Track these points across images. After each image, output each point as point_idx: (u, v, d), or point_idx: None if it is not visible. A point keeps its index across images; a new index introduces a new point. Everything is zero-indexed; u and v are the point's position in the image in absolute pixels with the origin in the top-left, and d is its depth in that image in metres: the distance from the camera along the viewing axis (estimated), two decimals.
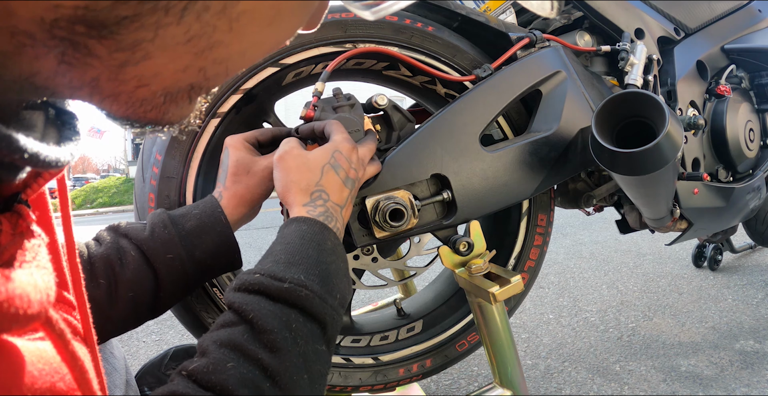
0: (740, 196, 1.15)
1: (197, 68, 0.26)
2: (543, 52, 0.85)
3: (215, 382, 0.36)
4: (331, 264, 0.48)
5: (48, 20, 0.21)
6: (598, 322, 1.55)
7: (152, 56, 0.24)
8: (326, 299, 0.45)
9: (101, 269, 0.52)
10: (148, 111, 0.27)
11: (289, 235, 0.49)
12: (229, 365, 0.37)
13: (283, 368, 0.39)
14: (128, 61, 0.23)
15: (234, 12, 0.24)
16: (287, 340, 0.40)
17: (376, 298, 1.88)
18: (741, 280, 1.81)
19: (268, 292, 0.43)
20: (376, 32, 0.78)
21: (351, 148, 0.59)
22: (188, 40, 0.24)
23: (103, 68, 0.23)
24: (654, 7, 1.10)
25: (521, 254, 0.93)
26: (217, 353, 0.38)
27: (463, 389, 1.22)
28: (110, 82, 0.24)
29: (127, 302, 0.53)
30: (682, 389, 1.13)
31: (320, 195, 0.54)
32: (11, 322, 0.22)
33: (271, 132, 0.69)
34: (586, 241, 2.65)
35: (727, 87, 1.14)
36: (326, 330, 0.44)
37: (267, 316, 0.41)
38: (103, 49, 0.22)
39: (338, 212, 0.54)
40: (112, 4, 0.21)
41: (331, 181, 0.55)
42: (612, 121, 0.76)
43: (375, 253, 0.82)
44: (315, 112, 0.68)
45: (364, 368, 0.84)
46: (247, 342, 0.39)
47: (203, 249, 0.57)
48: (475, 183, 0.76)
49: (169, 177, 0.71)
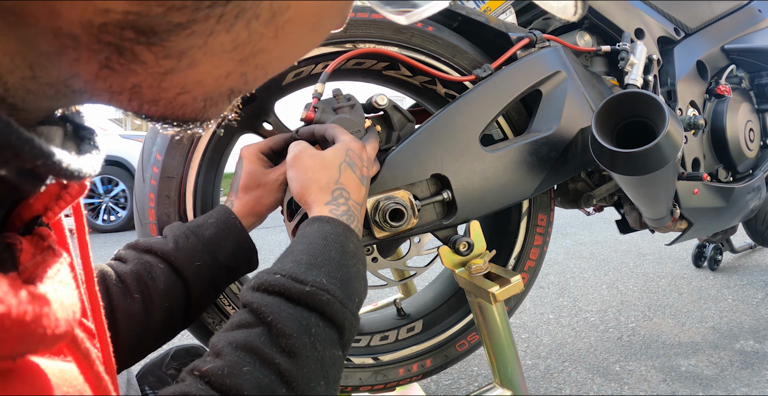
0: (740, 196, 1.15)
1: (239, 74, 0.26)
2: (543, 52, 0.85)
3: (230, 385, 0.35)
4: (352, 267, 0.47)
5: (96, 24, 0.20)
6: (598, 322, 1.55)
7: (198, 63, 0.23)
8: (346, 304, 0.44)
9: (134, 285, 0.53)
10: (187, 113, 0.27)
11: (311, 235, 0.48)
12: (245, 369, 0.36)
13: (300, 374, 0.37)
14: (174, 69, 0.23)
15: (281, 20, 0.24)
16: (306, 345, 0.39)
17: (376, 298, 1.88)
18: (741, 280, 1.81)
19: (288, 294, 0.41)
20: (376, 32, 0.78)
21: (361, 147, 0.59)
22: (234, 48, 0.24)
23: (146, 75, 0.23)
24: (654, 7, 1.10)
25: (521, 254, 0.93)
26: (233, 356, 0.37)
27: (463, 389, 1.22)
28: (151, 89, 0.24)
29: (163, 312, 0.55)
30: (682, 389, 1.13)
31: (341, 193, 0.53)
32: (38, 343, 0.21)
33: (284, 139, 0.70)
34: (586, 241, 2.65)
35: (727, 87, 1.14)
36: (343, 335, 0.43)
37: (286, 320, 0.39)
38: (150, 56, 0.22)
39: (359, 211, 0.54)
40: (166, 10, 0.20)
41: (349, 179, 0.55)
42: (612, 121, 0.76)
43: (375, 253, 0.82)
44: (315, 114, 0.68)
45: (364, 368, 0.84)
46: (265, 345, 0.38)
47: (225, 253, 0.59)
48: (475, 183, 0.76)
49: (169, 177, 0.71)
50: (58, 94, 0.23)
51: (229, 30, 0.23)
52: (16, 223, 0.26)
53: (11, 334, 0.19)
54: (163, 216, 0.70)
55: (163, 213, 0.70)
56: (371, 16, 0.78)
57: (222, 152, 0.78)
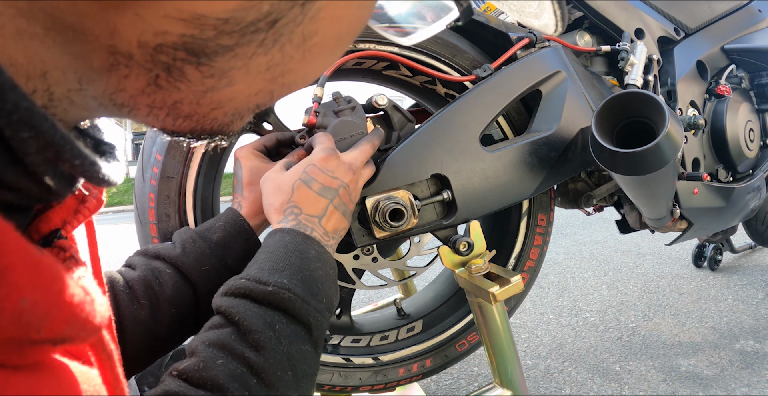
0: (740, 196, 1.15)
1: (268, 92, 0.28)
2: (543, 52, 0.85)
3: (206, 378, 0.37)
4: (315, 270, 0.50)
5: (152, 44, 0.22)
6: (598, 322, 1.55)
7: (235, 83, 0.25)
8: (309, 302, 0.46)
9: (141, 291, 0.54)
10: (215, 127, 0.29)
11: (272, 245, 0.52)
12: (219, 362, 0.39)
13: (267, 365, 0.40)
14: (214, 87, 0.25)
15: (309, 44, 0.26)
16: (271, 339, 0.42)
17: (376, 298, 1.88)
18: (741, 280, 1.81)
19: (253, 296, 0.45)
20: (377, 32, 0.78)
21: (325, 158, 0.59)
22: (268, 69, 0.26)
23: (189, 92, 0.25)
24: (654, 7, 1.10)
25: (521, 254, 0.93)
26: (206, 352, 0.40)
27: (463, 389, 1.22)
28: (190, 106, 0.26)
29: (171, 318, 0.55)
30: (682, 389, 1.13)
31: (292, 210, 0.56)
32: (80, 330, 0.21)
33: (275, 137, 0.71)
34: (586, 241, 2.65)
35: (727, 87, 1.14)
36: (311, 332, 0.46)
37: (252, 317, 0.43)
38: (197, 75, 0.24)
39: (315, 223, 0.56)
40: (217, 33, 0.22)
41: (302, 195, 0.57)
42: (612, 121, 0.76)
43: (375, 253, 0.82)
44: (317, 118, 0.67)
45: (364, 368, 0.84)
46: (235, 342, 0.41)
47: (234, 256, 0.60)
48: (475, 183, 0.76)
49: (169, 177, 0.71)
50: (100, 107, 0.25)
51: (266, 53, 0.25)
52: (33, 236, 0.27)
53: (60, 316, 0.19)
54: (163, 216, 0.70)
55: (163, 213, 0.70)
56: None
57: (222, 152, 0.78)
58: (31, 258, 0.19)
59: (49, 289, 0.19)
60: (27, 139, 0.19)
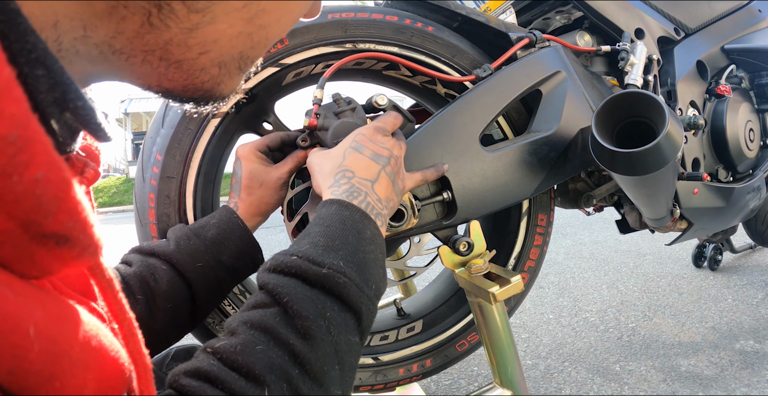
0: (740, 196, 1.15)
1: (247, 34, 0.31)
2: (543, 52, 0.85)
3: (242, 363, 0.34)
4: (369, 253, 0.47)
5: None
6: (598, 322, 1.55)
7: (216, 21, 0.29)
8: (363, 288, 0.43)
9: (137, 286, 0.55)
10: (206, 81, 0.32)
11: (328, 218, 0.48)
12: (258, 348, 0.36)
13: (314, 356, 0.37)
14: (199, 24, 0.28)
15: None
16: (321, 327, 0.38)
17: None
18: (741, 280, 1.81)
19: (305, 276, 0.41)
20: (377, 32, 0.78)
21: (374, 132, 0.59)
22: (243, 6, 0.30)
23: (177, 30, 0.28)
24: (654, 7, 1.10)
25: (521, 254, 0.93)
26: (247, 334, 0.37)
27: (463, 389, 1.22)
28: (179, 47, 0.29)
29: (166, 313, 0.56)
30: (682, 389, 1.13)
31: (344, 174, 0.54)
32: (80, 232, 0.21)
33: (280, 137, 0.71)
34: (586, 241, 2.65)
35: (727, 87, 1.14)
36: (361, 321, 0.43)
37: (302, 301, 0.39)
38: (183, 9, 0.27)
39: (368, 187, 0.53)
40: None
41: (354, 160, 0.55)
42: (612, 121, 0.76)
43: None
44: (318, 121, 0.67)
45: (364, 368, 0.84)
46: (279, 326, 0.37)
47: (228, 254, 0.60)
48: (475, 183, 0.76)
49: (169, 177, 0.71)
50: (100, 57, 0.28)
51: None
52: None
53: (66, 206, 0.20)
54: (163, 216, 0.70)
55: (163, 213, 0.70)
56: (371, 16, 0.78)
57: (222, 152, 0.78)
58: (47, 140, 0.19)
59: (60, 173, 0.20)
60: (40, 77, 0.21)
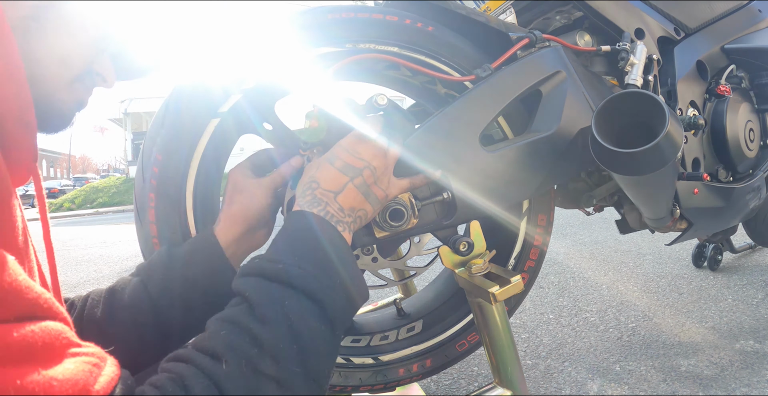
0: (740, 196, 1.15)
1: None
2: (543, 52, 0.85)
3: (208, 346, 0.41)
4: (328, 253, 0.51)
5: None
6: (598, 322, 1.55)
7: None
8: (321, 280, 0.48)
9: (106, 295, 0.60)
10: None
11: (289, 227, 0.54)
12: (222, 333, 0.42)
13: (271, 337, 0.42)
14: None
15: None
16: (278, 313, 0.44)
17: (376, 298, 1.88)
18: (741, 280, 1.81)
19: (264, 273, 0.47)
20: (376, 32, 0.78)
21: (354, 141, 0.62)
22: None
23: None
24: (654, 7, 1.09)
25: (521, 254, 0.93)
26: (216, 326, 0.43)
27: (463, 389, 1.22)
28: None
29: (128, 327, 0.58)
30: (682, 389, 1.13)
31: (310, 185, 0.58)
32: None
33: (265, 154, 0.74)
34: (586, 241, 2.65)
35: (727, 87, 1.14)
36: (325, 309, 0.47)
37: (260, 292, 0.45)
38: None
39: (330, 198, 0.57)
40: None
41: (323, 171, 0.59)
42: (612, 121, 0.76)
43: (375, 253, 0.82)
44: (318, 122, 0.67)
45: (364, 368, 0.84)
46: (242, 315, 0.44)
47: (195, 270, 0.61)
48: (475, 183, 0.76)
49: (169, 177, 0.70)
50: None
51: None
52: None
53: None
54: (163, 216, 0.70)
55: (163, 213, 0.70)
56: (371, 16, 0.78)
57: (222, 152, 0.78)
58: None
59: None
60: None
